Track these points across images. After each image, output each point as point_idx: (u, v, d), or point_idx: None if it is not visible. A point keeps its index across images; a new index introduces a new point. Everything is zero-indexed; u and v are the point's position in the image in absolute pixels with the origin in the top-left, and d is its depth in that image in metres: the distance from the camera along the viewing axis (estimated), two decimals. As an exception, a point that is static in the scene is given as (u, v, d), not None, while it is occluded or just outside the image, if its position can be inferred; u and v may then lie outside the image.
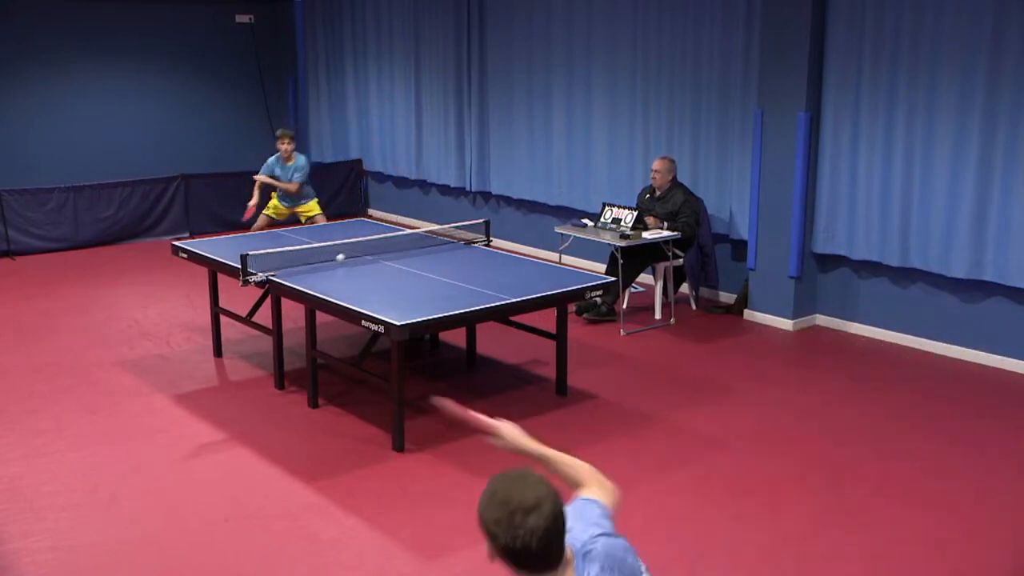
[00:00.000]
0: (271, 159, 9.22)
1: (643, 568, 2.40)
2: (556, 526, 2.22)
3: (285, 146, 9.03)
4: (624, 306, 7.98)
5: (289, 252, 6.52)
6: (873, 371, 6.76)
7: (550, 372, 6.44)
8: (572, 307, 7.68)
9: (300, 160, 9.13)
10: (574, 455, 2.71)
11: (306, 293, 5.70)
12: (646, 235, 7.55)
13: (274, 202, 9.26)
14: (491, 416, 2.77)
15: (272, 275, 6.02)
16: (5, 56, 11.40)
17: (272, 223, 9.17)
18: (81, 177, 11.20)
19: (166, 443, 5.56)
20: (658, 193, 7.94)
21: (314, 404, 6.04)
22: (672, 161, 7.97)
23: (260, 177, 9.10)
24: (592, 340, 7.37)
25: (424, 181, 11.52)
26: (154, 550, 4.41)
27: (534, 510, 2.19)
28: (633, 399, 6.18)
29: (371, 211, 12.46)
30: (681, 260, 7.88)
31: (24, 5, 11.41)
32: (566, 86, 9.39)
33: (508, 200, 10.43)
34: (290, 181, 9.02)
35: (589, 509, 2.45)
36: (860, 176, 7.28)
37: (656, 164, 7.94)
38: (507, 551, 2.22)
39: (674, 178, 7.96)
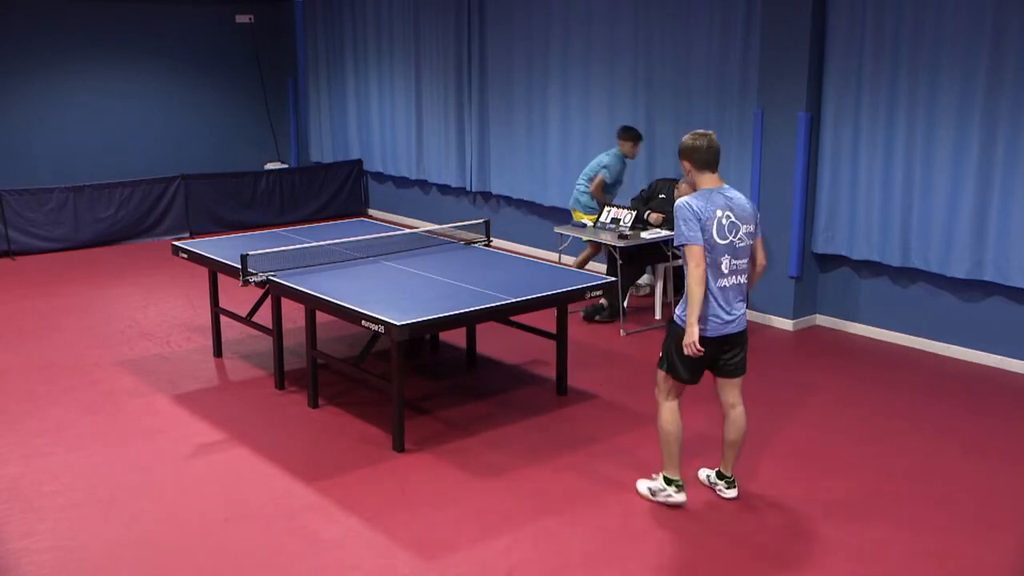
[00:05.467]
0: (611, 160, 8.22)
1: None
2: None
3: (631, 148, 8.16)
4: (626, 305, 7.97)
5: (289, 252, 6.52)
6: (873, 371, 6.76)
7: (550, 372, 6.43)
8: (580, 313, 7.71)
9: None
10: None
11: (306, 293, 5.70)
12: (645, 235, 7.55)
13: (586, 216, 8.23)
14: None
15: (272, 275, 6.02)
16: (5, 56, 11.40)
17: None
18: (81, 177, 11.22)
19: (166, 443, 5.56)
20: (660, 194, 7.97)
21: (314, 404, 6.04)
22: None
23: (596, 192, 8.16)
24: (592, 340, 7.37)
25: (424, 181, 11.52)
26: (154, 550, 4.41)
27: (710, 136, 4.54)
28: (633, 399, 6.17)
29: (371, 211, 12.47)
30: (681, 260, 7.86)
31: (24, 5, 11.41)
32: (566, 86, 9.39)
33: (508, 200, 10.43)
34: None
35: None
36: (860, 176, 7.28)
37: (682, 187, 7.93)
38: (697, 151, 4.50)
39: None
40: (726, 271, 4.41)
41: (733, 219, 4.38)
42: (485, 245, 7.10)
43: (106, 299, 8.59)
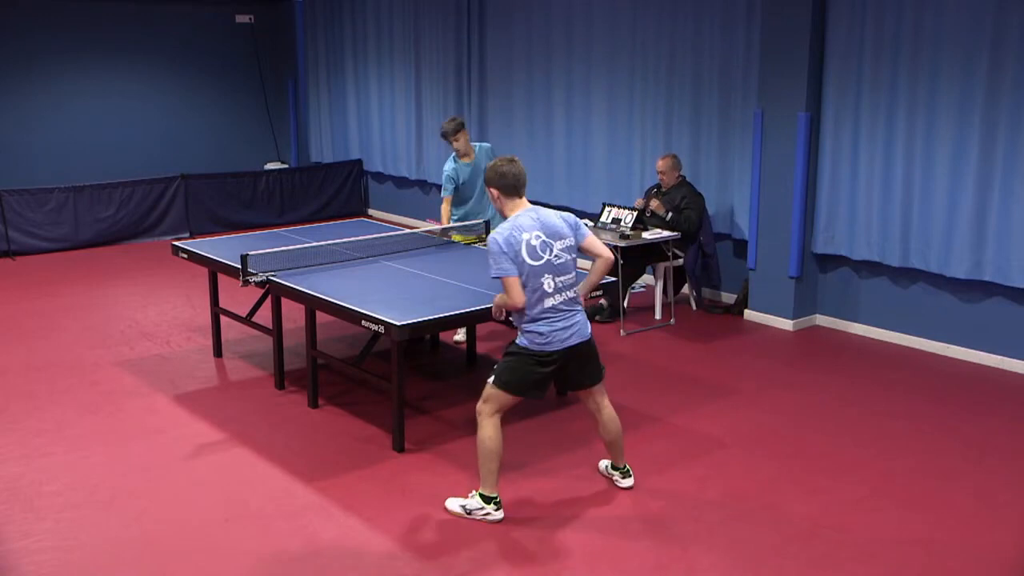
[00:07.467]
0: (450, 164, 7.19)
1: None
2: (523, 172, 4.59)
3: (460, 142, 7.12)
4: (626, 305, 7.98)
5: (289, 252, 6.52)
6: (873, 371, 6.76)
7: (550, 372, 6.43)
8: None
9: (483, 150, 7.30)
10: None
11: (306, 293, 5.70)
12: (646, 235, 7.55)
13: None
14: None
15: (272, 275, 6.02)
16: (5, 56, 11.41)
17: None
18: (81, 177, 11.22)
19: (166, 443, 5.56)
20: (664, 190, 7.99)
21: (314, 404, 6.04)
22: (675, 157, 7.99)
23: (444, 212, 7.27)
24: (592, 340, 7.36)
25: (424, 181, 11.53)
26: (154, 550, 4.41)
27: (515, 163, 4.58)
28: (633, 399, 6.17)
29: (371, 211, 12.47)
30: (681, 260, 7.89)
31: (24, 5, 11.41)
32: (566, 86, 9.39)
33: (508, 200, 10.42)
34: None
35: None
36: (860, 176, 7.28)
37: (660, 164, 7.97)
38: (504, 177, 4.50)
39: (680, 175, 7.99)
40: (551, 290, 4.46)
41: (544, 238, 4.44)
42: (485, 245, 7.10)
43: (106, 299, 8.59)
